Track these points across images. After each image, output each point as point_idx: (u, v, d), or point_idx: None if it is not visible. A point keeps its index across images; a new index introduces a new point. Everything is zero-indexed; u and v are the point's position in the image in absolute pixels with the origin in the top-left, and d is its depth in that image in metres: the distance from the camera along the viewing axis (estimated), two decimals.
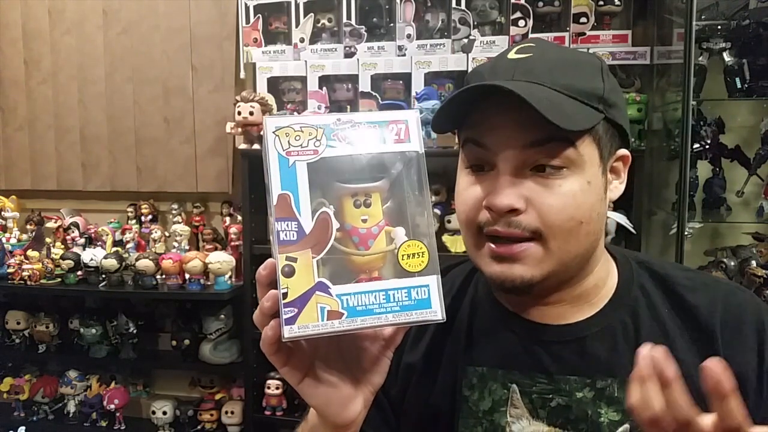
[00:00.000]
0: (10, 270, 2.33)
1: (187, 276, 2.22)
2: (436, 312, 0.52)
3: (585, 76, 0.65)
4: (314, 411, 0.60)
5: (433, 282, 0.52)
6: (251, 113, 2.12)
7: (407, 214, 0.53)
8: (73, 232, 2.44)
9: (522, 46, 0.67)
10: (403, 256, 0.52)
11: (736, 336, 0.67)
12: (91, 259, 2.27)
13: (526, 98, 0.58)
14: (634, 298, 0.70)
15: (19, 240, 2.52)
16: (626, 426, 0.65)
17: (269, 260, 0.51)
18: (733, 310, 0.68)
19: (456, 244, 2.08)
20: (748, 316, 0.68)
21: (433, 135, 2.02)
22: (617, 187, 0.70)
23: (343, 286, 0.51)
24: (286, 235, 0.51)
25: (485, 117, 0.64)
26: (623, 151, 0.69)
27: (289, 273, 0.50)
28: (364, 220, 0.52)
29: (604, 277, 0.72)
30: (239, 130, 2.18)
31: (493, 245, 0.64)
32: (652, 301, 0.70)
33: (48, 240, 2.48)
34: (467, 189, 0.67)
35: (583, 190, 0.63)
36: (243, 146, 2.20)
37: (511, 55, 0.66)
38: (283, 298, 0.49)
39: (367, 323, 0.51)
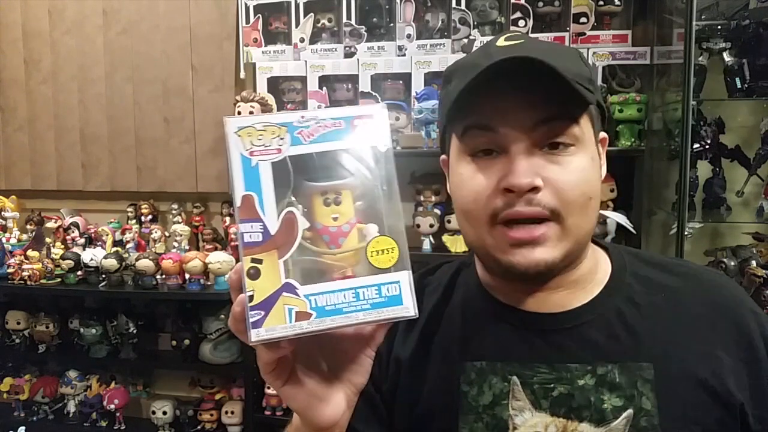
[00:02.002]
0: (10, 270, 2.34)
1: (187, 276, 2.23)
2: (408, 308, 0.50)
3: (573, 60, 0.67)
4: None
5: (404, 278, 0.51)
6: (251, 113, 2.12)
7: (379, 211, 0.52)
8: (73, 232, 2.44)
9: (509, 34, 0.67)
10: (372, 252, 0.51)
11: (729, 323, 0.68)
12: (91, 259, 2.27)
13: (556, 68, 0.58)
14: (629, 284, 0.71)
15: (19, 240, 2.53)
16: (630, 411, 0.64)
17: (239, 263, 0.51)
18: (724, 294, 0.70)
19: (456, 244, 2.06)
20: (742, 302, 0.70)
21: (433, 135, 2.01)
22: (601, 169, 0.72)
23: (311, 286, 0.49)
24: (250, 236, 0.50)
25: (488, 101, 0.63)
26: (603, 134, 0.71)
27: (255, 275, 0.49)
28: (335, 219, 0.51)
29: (596, 263, 0.72)
30: None
31: (510, 232, 0.63)
32: (646, 286, 0.71)
33: (48, 240, 2.49)
34: (473, 177, 0.66)
35: (589, 166, 0.65)
36: None
37: (501, 42, 0.66)
38: (249, 301, 0.48)
39: (337, 323, 0.49)
